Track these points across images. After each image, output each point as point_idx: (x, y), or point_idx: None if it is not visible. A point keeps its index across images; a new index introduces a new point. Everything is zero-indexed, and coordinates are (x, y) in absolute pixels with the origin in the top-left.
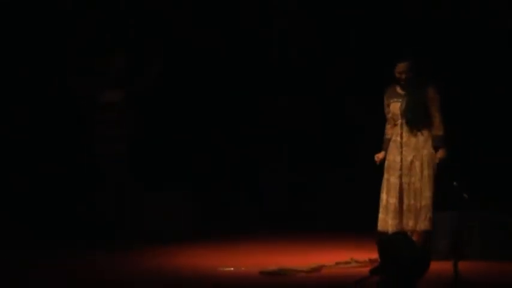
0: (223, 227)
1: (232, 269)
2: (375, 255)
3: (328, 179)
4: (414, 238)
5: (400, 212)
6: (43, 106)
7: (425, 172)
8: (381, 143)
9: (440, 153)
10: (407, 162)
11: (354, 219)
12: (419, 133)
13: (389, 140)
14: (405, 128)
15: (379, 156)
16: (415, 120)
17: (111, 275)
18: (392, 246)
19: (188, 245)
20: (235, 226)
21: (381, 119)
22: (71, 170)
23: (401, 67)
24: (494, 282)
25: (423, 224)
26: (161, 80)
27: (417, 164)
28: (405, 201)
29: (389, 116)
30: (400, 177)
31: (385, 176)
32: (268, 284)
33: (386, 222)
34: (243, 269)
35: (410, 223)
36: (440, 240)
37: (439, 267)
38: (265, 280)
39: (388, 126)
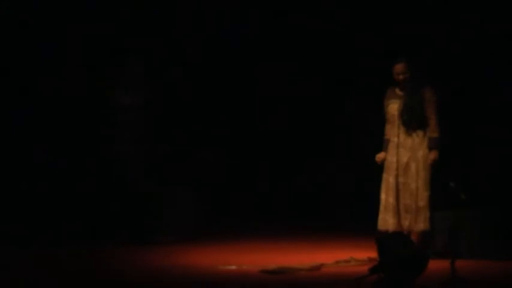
0: (224, 226)
1: (233, 267)
2: (374, 254)
3: (329, 177)
4: (412, 237)
5: (398, 211)
6: (59, 108)
7: (422, 173)
8: (381, 144)
9: (432, 155)
10: (402, 163)
11: (354, 218)
12: (415, 134)
13: (388, 140)
14: (402, 129)
15: (380, 156)
16: (411, 122)
17: (114, 274)
18: (391, 245)
19: (190, 243)
20: (237, 225)
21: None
22: (83, 170)
23: (398, 68)
24: (492, 281)
25: (422, 225)
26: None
27: (413, 165)
28: (401, 201)
29: (388, 116)
30: (397, 177)
31: (384, 176)
32: (269, 282)
33: (386, 221)
34: (244, 267)
35: (407, 223)
36: (438, 239)
37: (436, 265)
38: (266, 278)
39: (387, 127)
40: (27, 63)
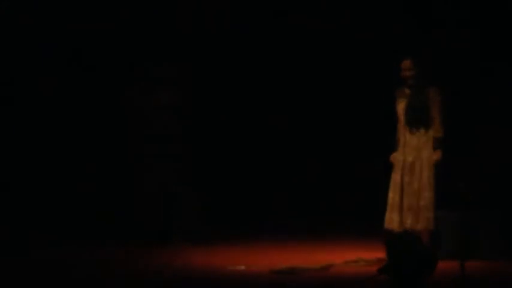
0: (233, 227)
1: (243, 267)
2: (382, 255)
3: (335, 178)
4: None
5: (402, 210)
6: (89, 110)
7: (425, 173)
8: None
9: (436, 155)
10: (408, 162)
11: (362, 218)
12: (419, 134)
13: (399, 139)
14: (407, 128)
15: (394, 156)
16: (414, 121)
17: (123, 273)
18: (400, 245)
19: (199, 244)
20: (246, 225)
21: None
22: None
23: (405, 64)
24: (499, 281)
25: (422, 224)
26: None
27: (417, 164)
28: (404, 199)
29: (398, 116)
30: (402, 176)
31: (393, 174)
32: (278, 283)
33: (392, 219)
34: (253, 267)
35: (409, 221)
36: (446, 239)
37: (445, 266)
38: (275, 279)
39: (399, 126)
40: (27, 64)
